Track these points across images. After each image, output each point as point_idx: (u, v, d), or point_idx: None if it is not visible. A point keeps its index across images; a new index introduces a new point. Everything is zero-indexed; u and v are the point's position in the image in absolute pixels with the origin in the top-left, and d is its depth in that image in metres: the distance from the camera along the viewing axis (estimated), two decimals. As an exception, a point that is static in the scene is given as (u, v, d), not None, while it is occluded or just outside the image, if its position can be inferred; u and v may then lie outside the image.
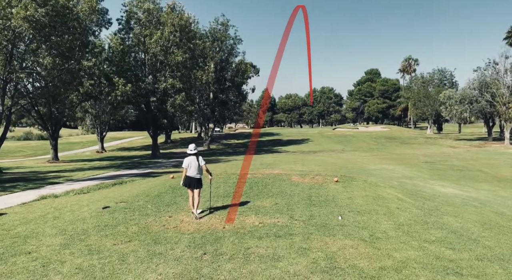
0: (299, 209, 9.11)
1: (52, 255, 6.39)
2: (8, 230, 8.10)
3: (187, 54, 33.05)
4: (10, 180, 18.34)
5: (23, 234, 7.68)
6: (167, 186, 12.66)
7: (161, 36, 31.41)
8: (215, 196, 10.81)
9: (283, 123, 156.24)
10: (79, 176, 19.78)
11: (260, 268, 5.55)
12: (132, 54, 34.01)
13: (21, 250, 6.71)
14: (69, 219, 8.78)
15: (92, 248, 6.70)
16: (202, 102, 47.38)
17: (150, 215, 8.92)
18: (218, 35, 46.94)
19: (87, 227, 8.01)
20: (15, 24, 17.81)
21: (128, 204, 10.13)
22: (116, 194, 12.46)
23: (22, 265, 5.96)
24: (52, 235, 7.56)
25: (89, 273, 5.58)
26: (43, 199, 12.29)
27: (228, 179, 13.88)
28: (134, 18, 32.94)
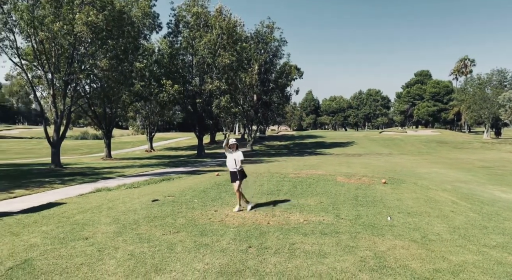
0: (345, 208, 8.87)
1: (107, 241, 6.74)
2: (67, 218, 8.67)
3: (234, 56, 33.62)
4: (69, 174, 19.68)
5: (81, 222, 8.18)
6: (212, 183, 12.91)
7: (209, 39, 32.23)
8: (259, 193, 10.85)
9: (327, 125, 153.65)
10: (130, 172, 20.77)
11: (306, 264, 5.47)
12: (180, 57, 35.22)
13: (79, 235, 7.14)
14: (122, 210, 9.22)
15: (142, 236, 6.98)
16: (246, 103, 47.90)
17: (197, 209, 9.13)
18: (263, 37, 47.25)
19: (138, 218, 8.36)
20: (77, 29, 19.20)
21: (176, 198, 10.45)
22: (164, 188, 12.91)
23: (80, 249, 6.35)
24: (107, 223, 7.98)
25: (140, 259, 5.81)
26: (98, 192, 13.03)
27: (271, 178, 13.87)
28: (183, 22, 34.11)
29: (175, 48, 34.31)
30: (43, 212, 9.53)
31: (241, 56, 36.33)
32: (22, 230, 7.73)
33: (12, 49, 20.55)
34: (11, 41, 20.19)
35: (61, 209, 9.86)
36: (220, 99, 33.94)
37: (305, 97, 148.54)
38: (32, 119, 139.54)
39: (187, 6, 33.68)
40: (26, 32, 19.49)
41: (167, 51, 33.73)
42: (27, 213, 9.49)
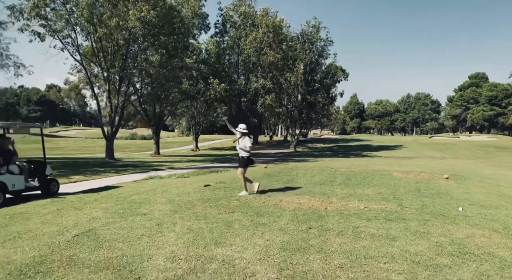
0: (408, 198, 8.28)
1: (164, 217, 6.75)
2: (125, 198, 8.86)
3: (279, 54, 33.51)
4: (122, 165, 20.47)
5: (138, 201, 8.31)
6: (262, 173, 12.75)
7: (255, 37, 32.40)
8: (311, 183, 10.50)
9: (372, 130, 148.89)
10: (178, 166, 21.20)
11: (374, 245, 5.07)
12: (226, 56, 35.73)
13: (137, 212, 7.23)
14: (175, 193, 9.28)
15: (198, 214, 6.91)
16: (290, 103, 47.49)
17: (249, 194, 8.97)
18: (309, 37, 46.67)
19: (192, 199, 8.35)
20: (131, 24, 20.09)
21: (227, 184, 10.39)
22: (214, 178, 12.93)
23: (139, 222, 6.39)
24: (162, 203, 8.04)
25: (199, 233, 5.71)
26: (151, 179, 13.33)
27: (322, 171, 13.44)
28: (230, 22, 34.63)
29: (222, 48, 34.86)
30: (101, 193, 9.85)
31: (287, 55, 36.10)
32: (84, 206, 7.98)
33: (73, 47, 21.98)
34: (72, 38, 21.61)
35: (118, 191, 10.13)
36: (265, 97, 33.91)
37: (350, 101, 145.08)
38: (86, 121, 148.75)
39: (235, 6, 34.12)
40: (86, 29, 20.73)
41: (213, 50, 34.35)
42: (87, 193, 9.85)
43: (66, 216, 6.99)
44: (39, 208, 7.85)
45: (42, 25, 19.82)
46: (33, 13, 18.89)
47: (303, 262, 4.51)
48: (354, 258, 4.57)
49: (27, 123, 12.31)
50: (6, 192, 8.44)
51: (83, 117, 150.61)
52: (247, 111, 36.16)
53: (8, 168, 8.69)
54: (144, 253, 4.88)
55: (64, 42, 21.50)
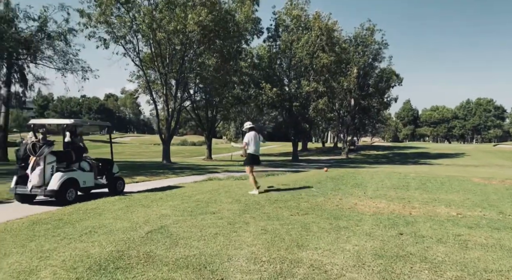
0: (508, 206, 7.22)
1: (234, 217, 6.39)
2: (189, 197, 8.67)
3: (332, 57, 32.63)
4: (179, 168, 20.79)
5: (203, 200, 8.06)
6: (324, 176, 12.09)
7: (307, 40, 31.83)
8: (384, 187, 9.66)
9: (427, 137, 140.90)
10: (233, 169, 21.09)
11: (491, 257, 4.28)
12: (278, 60, 35.49)
13: (206, 210, 6.94)
14: (239, 193, 8.94)
15: (270, 215, 6.47)
16: (343, 109, 46.12)
17: (318, 196, 8.40)
18: (363, 40, 45.22)
19: (258, 200, 7.94)
20: (189, 28, 20.54)
21: (291, 186, 9.88)
22: (273, 180, 12.48)
23: (210, 221, 6.07)
24: (229, 202, 7.71)
25: (276, 234, 5.26)
26: (210, 180, 13.21)
27: (389, 175, 12.48)
28: (283, 25, 34.41)
29: (274, 52, 34.71)
30: (165, 192, 9.78)
31: (340, 57, 35.07)
32: (151, 203, 7.88)
33: (134, 52, 23.00)
34: (133, 44, 22.61)
35: (180, 190, 10.02)
36: (318, 101, 33.09)
37: (403, 107, 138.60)
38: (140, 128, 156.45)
39: (287, 9, 33.86)
40: (147, 35, 21.53)
41: (265, 55, 34.29)
42: (151, 192, 9.83)
43: (136, 213, 6.88)
44: (109, 204, 7.86)
45: (108, 31, 20.91)
46: (100, 19, 19.96)
47: (408, 272, 3.86)
48: (471, 271, 3.84)
49: (96, 121, 12.72)
50: (78, 188, 8.60)
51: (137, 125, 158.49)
52: (298, 115, 35.49)
53: (79, 165, 8.87)
54: (222, 253, 4.51)
55: (126, 48, 22.56)
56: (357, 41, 46.05)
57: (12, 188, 8.24)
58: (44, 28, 19.06)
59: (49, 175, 8.16)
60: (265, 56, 34.34)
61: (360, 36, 46.18)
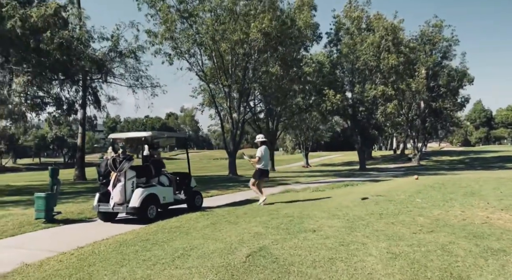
0: None
1: (343, 235, 5.34)
2: (276, 211, 7.79)
3: (401, 58, 30.50)
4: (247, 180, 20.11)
5: (295, 215, 7.10)
6: (420, 185, 10.54)
7: (372, 41, 30.13)
8: (509, 196, 7.97)
9: (505, 140, 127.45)
10: (303, 180, 20.03)
11: None
12: (339, 65, 34.08)
13: (303, 227, 5.97)
14: (331, 206, 7.86)
15: (387, 233, 5.32)
16: (412, 112, 42.97)
17: (428, 208, 7.05)
18: (429, 38, 42.10)
19: (359, 214, 6.79)
20: (252, 36, 20.26)
21: (388, 197, 8.55)
22: (360, 190, 11.18)
23: (315, 241, 5.09)
24: (325, 217, 6.67)
25: (411, 260, 4.14)
26: (287, 192, 12.29)
27: (502, 182, 10.56)
28: (343, 29, 33.10)
29: (336, 57, 33.42)
30: (246, 206, 9.03)
31: (408, 58, 32.71)
32: (237, 220, 7.11)
33: (197, 67, 23.27)
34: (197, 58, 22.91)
35: (262, 205, 9.17)
36: (386, 105, 30.96)
37: (473, 108, 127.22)
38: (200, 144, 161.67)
39: (347, 12, 32.51)
40: (210, 47, 21.68)
41: (325, 61, 33.12)
42: (231, 206, 9.13)
43: (225, 231, 6.12)
44: (193, 222, 7.23)
45: (172, 47, 21.38)
46: (166, 35, 20.46)
47: None
48: None
49: (174, 132, 12.48)
50: (158, 205, 8.13)
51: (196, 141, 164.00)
52: (364, 121, 33.53)
53: (159, 180, 8.45)
54: (354, 286, 3.50)
55: (190, 62, 22.93)
56: (423, 39, 42.96)
57: (95, 206, 7.99)
58: (117, 46, 20.00)
59: (130, 191, 7.79)
60: (326, 61, 33.12)
61: (426, 34, 43.04)
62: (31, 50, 13.28)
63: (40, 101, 21.95)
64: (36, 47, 13.11)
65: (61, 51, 14.00)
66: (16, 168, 74.58)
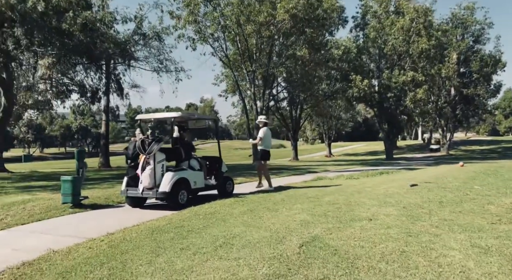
0: None
1: (406, 225, 4.65)
2: (317, 198, 7.13)
3: (432, 41, 28.89)
4: (273, 169, 19.47)
5: (340, 202, 6.43)
6: (471, 172, 9.63)
7: (402, 25, 28.62)
8: None
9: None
10: (332, 169, 19.23)
11: None
12: (366, 50, 32.69)
13: (355, 216, 5.31)
14: (377, 193, 7.13)
15: (460, 224, 4.59)
16: (441, 99, 41.08)
17: (492, 196, 6.23)
18: (461, 21, 39.93)
19: (415, 201, 6.06)
20: (279, 17, 19.36)
21: (440, 185, 7.74)
22: (399, 178, 10.36)
23: (376, 231, 4.45)
24: (376, 205, 5.98)
25: (507, 255, 3.40)
26: (320, 179, 11.59)
27: None
28: (370, 12, 31.66)
29: (363, 41, 32.05)
30: (283, 192, 8.40)
31: (440, 41, 31.00)
32: (276, 206, 6.50)
33: (221, 52, 22.63)
34: (220, 42, 22.23)
35: (299, 191, 8.54)
36: (416, 91, 29.51)
37: (503, 96, 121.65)
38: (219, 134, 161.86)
39: (374, -6, 30.99)
40: (234, 31, 20.96)
41: (351, 46, 31.80)
42: (265, 193, 8.51)
43: (266, 218, 5.52)
44: (228, 208, 6.67)
45: (196, 31, 20.76)
46: (189, 18, 19.84)
47: None
48: None
49: (204, 115, 11.93)
50: (189, 190, 7.60)
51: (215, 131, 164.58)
52: (393, 108, 32.16)
53: (189, 163, 7.90)
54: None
55: (214, 46, 22.29)
56: (454, 23, 40.80)
57: (123, 190, 7.53)
58: (140, 28, 19.57)
59: (160, 175, 7.28)
60: (352, 46, 31.79)
61: (458, 16, 40.84)
62: (54, 31, 12.96)
63: (65, 89, 21.90)
64: (58, 27, 12.78)
65: (85, 32, 13.68)
66: (43, 157, 76.68)
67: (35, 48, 12.80)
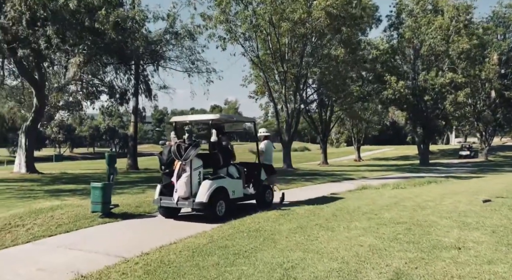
0: None
1: (504, 256, 3.70)
2: (374, 214, 6.23)
3: (473, 40, 27.14)
4: (305, 174, 18.64)
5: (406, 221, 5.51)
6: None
7: (441, 23, 27.03)
8: None
9: None
10: (369, 175, 18.11)
11: None
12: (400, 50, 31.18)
13: (436, 242, 4.39)
14: (446, 209, 6.14)
15: None
16: (481, 102, 38.79)
17: None
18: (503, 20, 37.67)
19: (503, 223, 5.04)
20: (315, 15, 18.44)
21: None
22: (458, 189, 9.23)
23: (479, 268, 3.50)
24: (454, 227, 5.03)
25: None
26: (365, 189, 10.59)
27: None
28: (405, 11, 30.21)
29: (397, 41, 30.58)
30: (329, 205, 7.51)
31: (482, 41, 29.17)
32: (329, 223, 5.65)
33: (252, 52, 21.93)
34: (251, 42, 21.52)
35: (347, 204, 7.61)
36: (456, 94, 27.77)
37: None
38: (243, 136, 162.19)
39: (411, -8, 29.52)
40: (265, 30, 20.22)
41: (385, 46, 30.38)
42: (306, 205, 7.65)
43: (324, 240, 4.69)
44: (273, 223, 5.88)
45: (227, 30, 20.18)
46: (221, 17, 19.29)
47: None
48: None
49: (243, 116, 11.24)
50: (228, 200, 6.86)
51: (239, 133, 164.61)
52: (430, 111, 30.46)
53: (227, 170, 7.17)
54: None
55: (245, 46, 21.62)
56: (495, 21, 38.55)
57: (156, 199, 6.88)
58: (173, 26, 19.16)
59: (197, 183, 6.58)
60: (386, 47, 30.36)
61: (499, 15, 38.58)
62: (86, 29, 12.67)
63: (95, 90, 21.85)
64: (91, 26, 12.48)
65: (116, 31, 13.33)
66: (73, 157, 78.61)
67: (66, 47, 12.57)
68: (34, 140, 18.46)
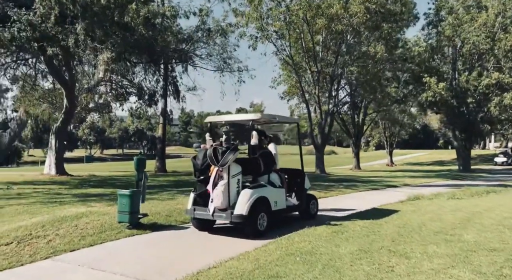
0: None
1: None
2: (445, 232, 5.14)
3: (525, 37, 25.10)
4: (340, 180, 17.49)
5: (499, 247, 4.42)
6: None
7: (485, 20, 25.15)
8: None
9: None
10: (411, 182, 16.73)
11: None
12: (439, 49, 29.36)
13: None
14: None
15: None
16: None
17: None
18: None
19: None
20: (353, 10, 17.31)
21: None
22: None
23: None
24: None
25: None
26: (418, 200, 9.43)
27: None
28: (445, 8, 28.41)
29: (435, 41, 28.81)
30: (389, 220, 6.46)
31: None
32: (397, 246, 4.66)
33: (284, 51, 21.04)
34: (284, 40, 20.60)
35: (408, 219, 6.54)
36: (503, 96, 25.72)
37: None
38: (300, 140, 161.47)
39: (452, -12, 27.75)
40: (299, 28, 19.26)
41: (423, 45, 28.69)
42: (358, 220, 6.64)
43: (403, 272, 3.71)
44: (326, 243, 4.94)
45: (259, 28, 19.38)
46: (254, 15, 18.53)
47: None
48: None
49: (286, 117, 10.42)
50: (269, 212, 5.98)
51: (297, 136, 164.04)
52: (474, 114, 28.43)
53: (269, 178, 6.29)
54: None
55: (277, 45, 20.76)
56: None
57: (190, 210, 6.09)
58: (205, 23, 18.55)
59: (235, 192, 5.74)
60: (424, 46, 28.65)
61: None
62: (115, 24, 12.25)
63: (124, 91, 21.63)
64: (120, 21, 12.05)
65: (147, 26, 12.86)
66: (103, 158, 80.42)
67: (95, 44, 12.20)
68: (64, 142, 18.31)
